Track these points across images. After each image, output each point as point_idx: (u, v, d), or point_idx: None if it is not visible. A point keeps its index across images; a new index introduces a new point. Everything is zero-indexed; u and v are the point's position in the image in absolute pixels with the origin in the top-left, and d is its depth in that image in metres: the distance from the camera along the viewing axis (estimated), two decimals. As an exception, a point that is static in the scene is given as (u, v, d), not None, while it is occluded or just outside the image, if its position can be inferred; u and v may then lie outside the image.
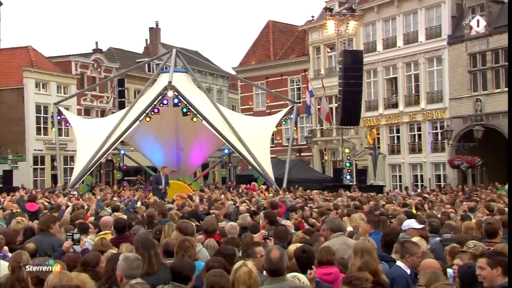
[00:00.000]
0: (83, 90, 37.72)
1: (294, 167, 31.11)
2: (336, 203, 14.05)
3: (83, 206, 13.43)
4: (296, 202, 14.42)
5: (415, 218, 8.94)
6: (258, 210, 12.74)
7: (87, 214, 11.46)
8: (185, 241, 5.86)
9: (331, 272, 5.58)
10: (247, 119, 27.50)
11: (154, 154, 26.53)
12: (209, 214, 10.90)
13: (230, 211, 11.74)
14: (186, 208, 12.46)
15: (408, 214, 10.01)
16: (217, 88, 53.47)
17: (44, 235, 7.46)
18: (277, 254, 4.61)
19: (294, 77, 43.54)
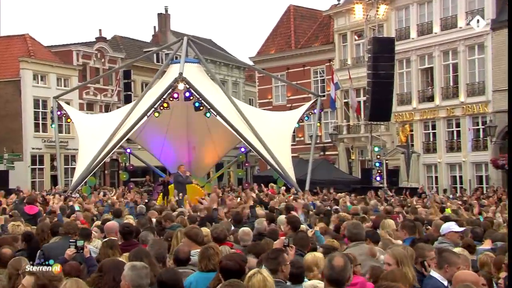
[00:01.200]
0: (86, 83, 38.03)
1: (318, 167, 31.05)
2: (364, 207, 14.01)
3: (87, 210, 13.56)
4: (322, 206, 14.42)
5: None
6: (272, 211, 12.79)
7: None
8: (208, 249, 5.90)
9: (357, 282, 5.58)
10: (266, 114, 27.48)
11: (164, 153, 26.66)
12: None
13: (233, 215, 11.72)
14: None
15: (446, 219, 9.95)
16: (232, 80, 53.56)
17: (66, 238, 7.62)
18: (341, 262, 4.61)
19: (317, 68, 43.46)
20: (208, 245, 6.14)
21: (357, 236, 7.10)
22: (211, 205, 12.30)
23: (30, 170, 38.09)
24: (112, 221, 9.55)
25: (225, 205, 14.19)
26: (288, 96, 44.91)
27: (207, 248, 6.03)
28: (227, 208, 13.39)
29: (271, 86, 46.79)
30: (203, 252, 5.90)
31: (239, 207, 13.97)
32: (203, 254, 5.87)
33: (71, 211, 13.04)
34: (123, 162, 30.76)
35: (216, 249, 6.04)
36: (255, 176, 40.50)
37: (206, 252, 5.88)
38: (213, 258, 5.80)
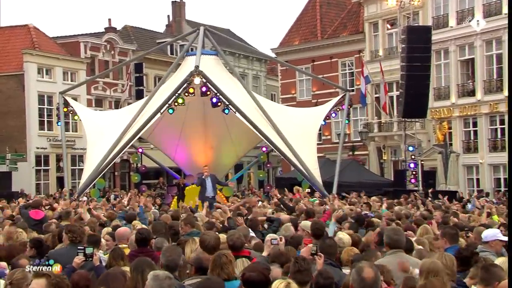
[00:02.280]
0: (94, 77, 38.30)
1: (346, 168, 30.95)
2: (398, 212, 13.95)
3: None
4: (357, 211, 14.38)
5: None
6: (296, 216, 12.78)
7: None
8: (221, 256, 5.91)
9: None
10: (289, 110, 27.45)
11: (178, 153, 26.76)
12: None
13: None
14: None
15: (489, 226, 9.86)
16: (253, 74, 53.60)
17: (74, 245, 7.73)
18: (372, 274, 4.62)
19: (345, 60, 43.33)
20: (220, 252, 6.13)
21: (398, 243, 7.00)
22: (224, 216, 12.31)
23: (34, 172, 38.43)
24: (123, 227, 9.63)
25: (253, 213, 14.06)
26: (314, 91, 44.83)
27: (220, 255, 6.03)
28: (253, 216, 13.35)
29: (295, 80, 46.75)
30: (215, 260, 5.90)
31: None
32: (215, 262, 5.88)
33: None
34: (135, 163, 30.96)
35: (229, 257, 6.04)
36: (277, 178, 40.50)
37: (219, 260, 5.89)
38: (226, 266, 5.81)
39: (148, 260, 5.98)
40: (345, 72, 44.00)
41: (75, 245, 7.74)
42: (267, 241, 7.58)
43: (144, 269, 5.58)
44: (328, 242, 7.39)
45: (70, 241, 7.93)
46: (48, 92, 38.40)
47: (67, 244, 7.96)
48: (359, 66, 39.66)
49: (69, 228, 8.26)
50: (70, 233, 8.01)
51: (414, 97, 30.88)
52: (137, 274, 5.60)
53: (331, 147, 39.22)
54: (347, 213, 14.28)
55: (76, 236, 7.97)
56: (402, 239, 7.16)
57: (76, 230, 8.10)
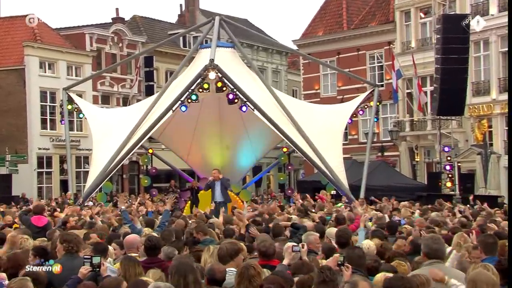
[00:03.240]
0: (101, 72, 38.54)
1: (375, 171, 30.86)
2: (433, 219, 13.87)
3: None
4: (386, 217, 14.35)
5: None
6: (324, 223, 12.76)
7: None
8: (248, 268, 5.90)
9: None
10: (312, 108, 27.41)
11: (192, 154, 26.84)
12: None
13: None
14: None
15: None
16: (272, 68, 53.61)
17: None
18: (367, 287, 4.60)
19: (374, 52, 43.18)
20: (248, 264, 6.12)
21: (437, 253, 6.95)
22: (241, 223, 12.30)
23: (36, 174, 38.71)
24: (132, 234, 9.67)
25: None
26: (339, 86, 44.72)
27: (247, 267, 6.00)
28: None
29: (319, 75, 46.67)
30: (242, 273, 5.88)
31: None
32: (242, 275, 5.86)
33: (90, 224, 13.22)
34: (144, 165, 31.07)
35: (258, 268, 6.02)
36: (299, 182, 40.49)
37: (246, 273, 5.87)
38: (254, 279, 5.79)
39: (190, 263, 5.99)
40: (373, 66, 43.83)
41: (71, 255, 7.74)
42: (288, 248, 7.56)
43: (186, 274, 5.60)
44: (357, 252, 7.35)
45: (65, 251, 7.84)
46: (50, 88, 38.66)
47: (62, 255, 7.86)
48: (389, 59, 39.51)
49: (65, 237, 8.11)
50: (66, 242, 7.89)
51: (450, 92, 30.67)
52: (180, 277, 5.59)
53: (358, 147, 39.10)
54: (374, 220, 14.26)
55: (73, 245, 7.87)
56: (442, 249, 7.12)
57: (72, 239, 7.99)
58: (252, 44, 50.00)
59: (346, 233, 9.17)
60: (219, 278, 6.04)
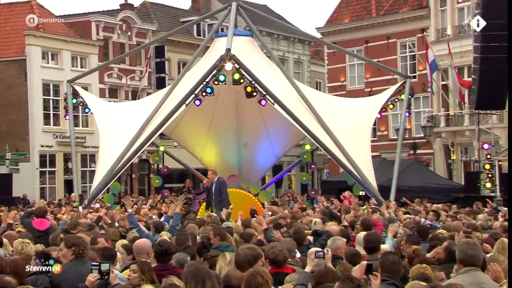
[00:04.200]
0: (108, 62, 38.65)
1: (407, 170, 30.74)
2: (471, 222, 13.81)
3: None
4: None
5: None
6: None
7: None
8: (255, 276, 5.92)
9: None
10: (338, 101, 27.37)
11: (206, 152, 26.90)
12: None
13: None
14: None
15: None
16: (294, 58, 53.55)
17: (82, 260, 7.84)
18: None
19: (406, 41, 43.01)
20: (256, 271, 6.13)
21: (474, 260, 6.88)
22: (259, 227, 12.32)
23: (38, 174, 38.92)
24: (143, 238, 9.70)
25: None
26: (367, 78, 44.59)
27: (254, 274, 6.01)
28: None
29: (345, 65, 46.55)
30: (249, 280, 5.89)
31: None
32: (249, 283, 5.87)
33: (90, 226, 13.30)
34: (155, 164, 31.21)
35: (266, 276, 6.04)
36: (323, 182, 40.46)
37: (253, 280, 5.88)
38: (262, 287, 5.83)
39: (206, 268, 6.01)
40: (405, 55, 43.66)
41: (80, 259, 7.79)
42: (311, 253, 7.51)
43: (204, 279, 5.63)
44: (391, 258, 7.33)
45: (75, 255, 7.89)
46: (54, 80, 38.87)
47: (70, 260, 7.91)
48: (422, 48, 39.30)
49: (72, 240, 8.15)
50: (75, 246, 7.94)
51: (490, 84, 30.38)
52: (197, 283, 5.62)
53: (388, 144, 38.97)
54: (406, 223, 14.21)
55: (82, 249, 7.96)
56: (478, 255, 7.04)
57: (80, 242, 8.06)
58: (272, 32, 49.95)
59: (375, 237, 9.11)
60: (235, 285, 6.06)
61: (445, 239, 11.16)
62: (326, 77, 48.97)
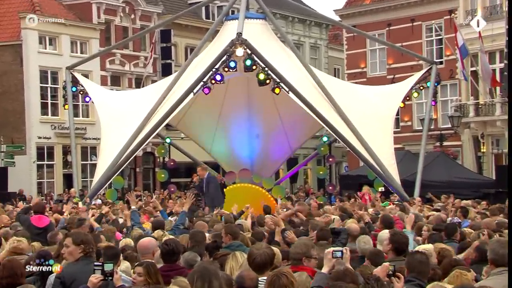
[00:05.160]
0: (110, 48, 38.70)
1: (433, 163, 30.70)
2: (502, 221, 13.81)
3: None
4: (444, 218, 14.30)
5: None
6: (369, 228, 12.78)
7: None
8: (280, 277, 5.98)
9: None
10: (358, 89, 27.34)
11: (216, 144, 26.95)
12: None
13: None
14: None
15: None
16: (311, 43, 53.48)
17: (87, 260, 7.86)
18: None
19: (432, 23, 42.85)
20: (280, 271, 6.18)
21: (505, 259, 6.81)
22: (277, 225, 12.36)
23: (35, 167, 39.10)
24: (148, 237, 9.76)
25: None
26: (390, 64, 44.48)
27: (278, 275, 6.07)
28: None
29: (365, 50, 46.45)
30: (273, 281, 5.95)
31: None
32: (273, 284, 5.94)
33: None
34: (161, 157, 31.28)
35: (291, 277, 6.10)
36: (342, 176, 40.39)
37: (278, 282, 5.94)
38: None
39: (214, 268, 6.06)
40: (431, 39, 43.54)
41: (88, 259, 7.84)
42: (328, 253, 7.52)
43: (211, 279, 5.68)
44: (418, 257, 7.34)
45: (84, 254, 7.93)
46: (52, 67, 39.02)
47: (77, 259, 7.94)
48: (450, 31, 39.17)
49: (81, 237, 8.15)
50: (84, 244, 7.97)
51: (524, 70, 30.34)
52: (203, 283, 5.69)
53: (412, 136, 38.93)
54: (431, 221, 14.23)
55: (92, 247, 8.02)
56: None
57: (89, 240, 8.12)
58: (287, 15, 49.91)
59: (404, 238, 8.99)
60: (248, 286, 6.12)
61: (474, 238, 11.18)
62: (345, 63, 48.86)
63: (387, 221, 12.25)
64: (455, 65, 40.38)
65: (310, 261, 7.92)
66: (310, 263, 7.90)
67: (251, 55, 20.83)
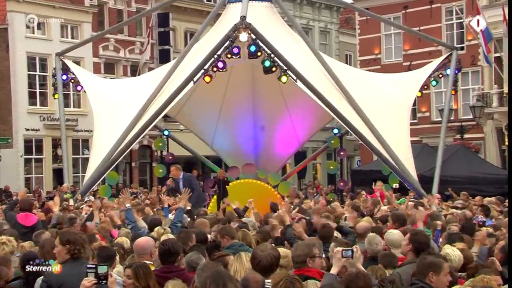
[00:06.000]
0: (103, 33, 38.70)
1: (453, 157, 30.72)
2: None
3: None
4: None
5: None
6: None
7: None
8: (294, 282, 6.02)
9: None
10: (371, 77, 27.36)
11: (217, 137, 27.00)
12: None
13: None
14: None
15: None
16: (320, 27, 53.46)
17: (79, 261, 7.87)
18: None
19: (452, 5, 42.80)
20: (291, 276, 6.23)
21: None
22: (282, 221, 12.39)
23: (23, 162, 39.13)
24: (145, 237, 9.80)
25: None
26: (406, 50, 44.47)
27: (292, 280, 6.13)
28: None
29: (379, 35, 46.45)
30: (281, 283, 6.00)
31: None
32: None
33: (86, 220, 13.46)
34: (158, 150, 31.33)
35: (299, 284, 6.15)
36: (354, 171, 40.40)
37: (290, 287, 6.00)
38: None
39: (225, 270, 6.10)
40: (451, 23, 43.49)
41: (77, 260, 7.82)
42: (337, 252, 7.52)
43: (225, 283, 5.73)
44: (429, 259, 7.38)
45: (70, 255, 7.88)
46: (40, 53, 39.04)
47: (64, 260, 7.91)
48: (471, 14, 39.10)
49: (68, 237, 8.07)
50: (71, 244, 7.91)
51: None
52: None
53: (430, 128, 38.94)
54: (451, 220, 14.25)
55: (79, 247, 7.92)
56: None
57: (77, 239, 8.00)
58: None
59: (424, 238, 8.87)
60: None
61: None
62: (357, 49, 48.89)
63: (400, 219, 12.23)
64: (477, 50, 40.34)
65: (314, 261, 7.94)
66: (315, 263, 7.93)
67: (256, 40, 20.86)
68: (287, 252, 8.36)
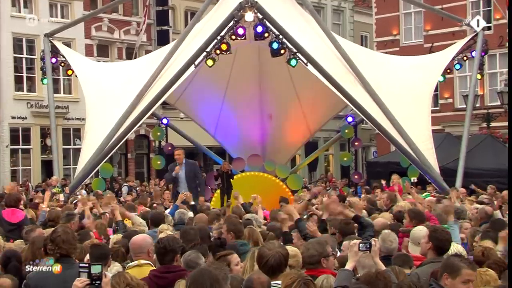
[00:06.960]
0: (96, 12, 38.71)
1: (478, 148, 30.72)
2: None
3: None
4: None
5: None
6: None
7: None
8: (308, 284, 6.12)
9: None
10: (389, 60, 27.37)
11: (221, 126, 27.04)
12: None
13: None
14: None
15: None
16: (333, 6, 53.45)
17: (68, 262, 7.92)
18: None
19: (478, -19, 42.80)
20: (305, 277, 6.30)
21: None
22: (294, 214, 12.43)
23: (9, 152, 39.22)
24: (142, 234, 9.84)
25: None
26: (427, 31, 44.43)
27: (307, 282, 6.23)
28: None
29: (398, 14, 46.39)
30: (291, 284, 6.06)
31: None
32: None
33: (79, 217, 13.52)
34: (157, 140, 31.42)
35: (311, 285, 6.21)
36: (370, 163, 40.43)
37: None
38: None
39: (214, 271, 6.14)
40: (476, 0, 43.41)
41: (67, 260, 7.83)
42: (354, 245, 7.50)
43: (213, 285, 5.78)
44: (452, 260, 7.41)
45: (55, 254, 7.89)
46: (28, 34, 39.04)
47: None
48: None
49: (51, 236, 8.09)
50: (51, 243, 7.92)
51: None
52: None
53: (453, 115, 38.93)
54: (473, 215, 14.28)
55: (63, 247, 7.91)
56: None
57: (57, 238, 7.95)
58: (305, -28, 49.94)
59: (445, 236, 8.84)
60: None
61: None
62: (373, 30, 48.82)
63: (418, 215, 12.24)
64: (505, 31, 40.29)
65: (328, 260, 7.97)
66: (329, 263, 7.96)
67: (263, 20, 20.86)
68: (296, 251, 8.38)
